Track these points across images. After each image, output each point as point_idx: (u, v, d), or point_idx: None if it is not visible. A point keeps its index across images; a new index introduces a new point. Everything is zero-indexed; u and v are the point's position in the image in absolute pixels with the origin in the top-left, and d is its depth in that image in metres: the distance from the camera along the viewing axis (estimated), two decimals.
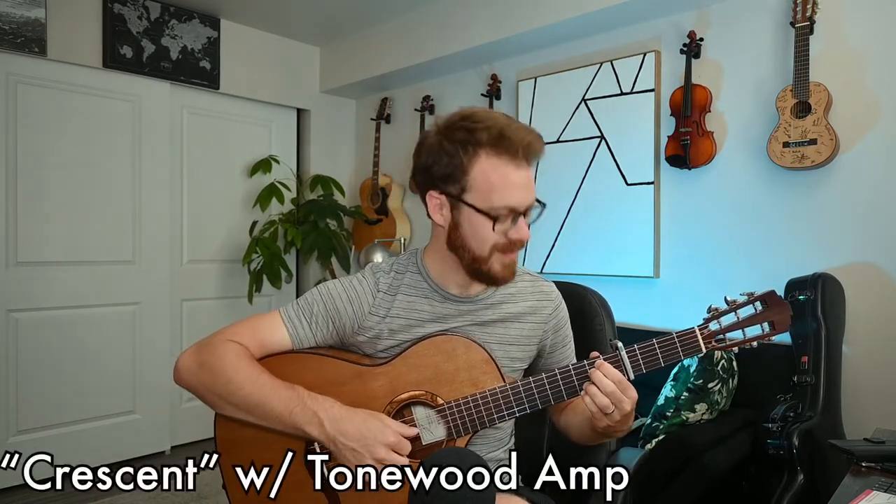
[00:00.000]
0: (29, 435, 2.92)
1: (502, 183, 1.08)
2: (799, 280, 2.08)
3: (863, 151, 2.17)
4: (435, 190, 1.14)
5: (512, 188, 1.09)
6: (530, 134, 1.10)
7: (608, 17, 2.68)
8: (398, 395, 1.13)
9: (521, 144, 1.08)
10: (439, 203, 1.14)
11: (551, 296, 1.27)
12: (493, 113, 1.13)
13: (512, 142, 1.08)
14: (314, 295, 1.20)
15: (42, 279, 2.96)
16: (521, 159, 1.09)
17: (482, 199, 1.09)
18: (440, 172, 1.11)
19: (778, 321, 1.07)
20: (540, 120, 3.06)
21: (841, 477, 1.14)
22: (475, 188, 1.09)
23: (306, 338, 1.18)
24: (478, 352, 1.13)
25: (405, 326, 1.18)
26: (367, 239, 3.81)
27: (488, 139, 1.08)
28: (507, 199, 1.09)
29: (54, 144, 2.98)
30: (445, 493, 0.93)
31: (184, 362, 1.16)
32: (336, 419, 1.07)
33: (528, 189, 1.11)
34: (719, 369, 2.10)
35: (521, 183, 1.10)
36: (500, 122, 1.09)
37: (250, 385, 1.10)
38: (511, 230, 1.11)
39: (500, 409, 1.11)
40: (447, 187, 1.12)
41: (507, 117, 1.12)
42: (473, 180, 1.09)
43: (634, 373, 1.08)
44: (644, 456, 1.33)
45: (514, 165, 1.09)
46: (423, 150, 1.14)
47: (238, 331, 1.17)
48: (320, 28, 3.70)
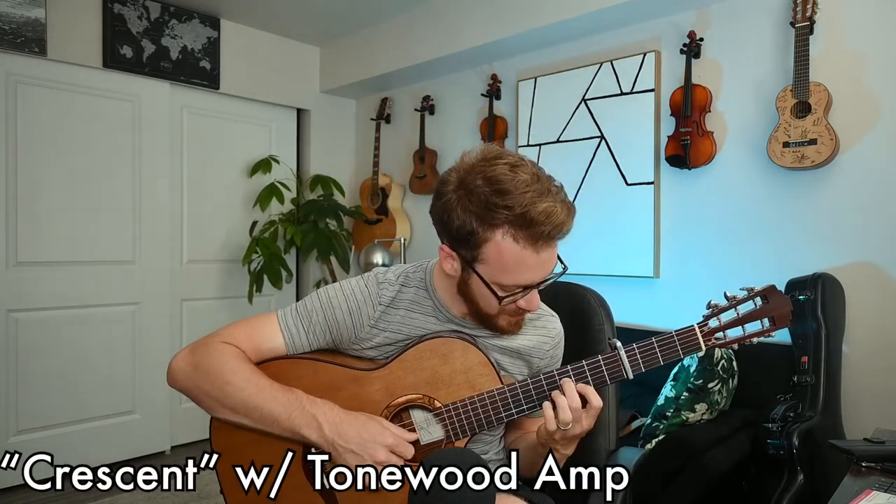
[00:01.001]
0: (29, 435, 2.92)
1: (517, 266, 1.01)
2: (799, 280, 2.08)
3: (863, 151, 2.16)
4: (447, 245, 1.07)
5: (526, 270, 1.02)
6: (559, 216, 0.98)
7: (608, 17, 2.68)
8: (395, 398, 1.12)
9: (545, 231, 0.98)
10: (450, 257, 1.07)
11: (552, 333, 1.23)
12: (520, 176, 0.98)
13: (534, 228, 0.97)
14: (314, 303, 1.17)
15: (42, 279, 2.96)
16: (542, 244, 0.99)
17: (492, 273, 1.03)
18: (454, 233, 1.03)
19: (778, 316, 1.06)
20: (540, 120, 3.06)
21: (841, 477, 1.14)
22: (487, 262, 1.02)
23: (302, 346, 1.16)
24: (475, 354, 1.12)
25: (403, 341, 1.17)
26: (367, 239, 3.81)
27: (507, 219, 0.98)
28: (520, 279, 1.03)
29: (54, 144, 2.98)
30: (445, 494, 0.93)
31: (178, 364, 1.13)
32: (335, 423, 1.06)
33: (546, 267, 1.03)
34: (719, 369, 2.10)
35: (538, 265, 1.02)
36: (524, 201, 0.96)
37: (248, 387, 1.08)
38: (521, 300, 1.07)
39: (499, 411, 1.10)
40: (459, 249, 1.05)
41: (538, 182, 0.99)
42: (486, 254, 1.01)
43: (633, 372, 1.07)
44: (644, 456, 1.33)
45: (534, 250, 0.99)
46: (441, 202, 1.05)
47: (234, 333, 1.15)
48: (320, 28, 3.70)
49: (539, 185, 0.99)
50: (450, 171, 1.06)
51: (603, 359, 1.08)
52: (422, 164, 3.61)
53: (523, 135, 3.11)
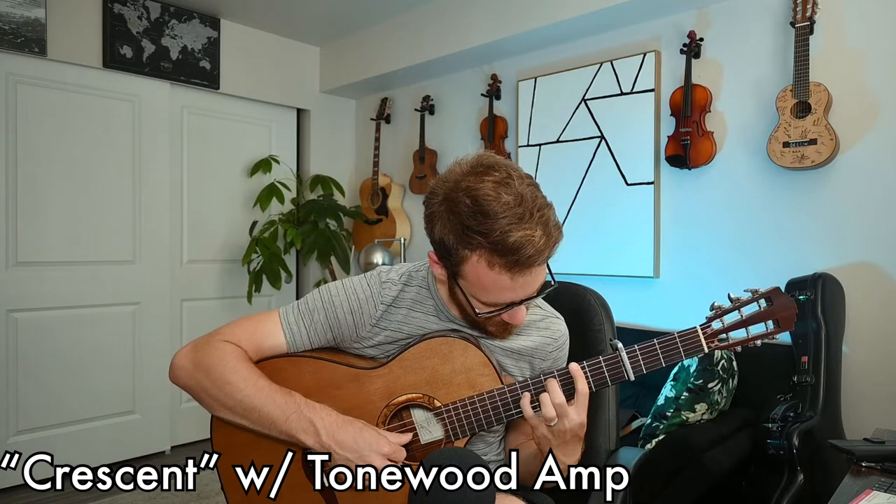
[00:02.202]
0: (29, 435, 2.92)
1: (494, 287, 1.00)
2: (799, 280, 2.08)
3: (863, 151, 2.16)
4: (434, 253, 1.08)
5: (503, 291, 1.01)
6: (535, 244, 0.95)
7: (608, 17, 2.68)
8: (395, 397, 1.12)
9: (518, 259, 0.95)
10: (437, 264, 1.08)
11: (556, 335, 1.22)
12: (502, 197, 0.95)
13: (508, 256, 0.95)
14: (316, 301, 1.17)
15: (42, 279, 2.96)
16: (517, 271, 0.97)
17: (473, 290, 1.03)
18: (437, 244, 1.04)
19: (783, 319, 1.04)
20: (540, 120, 3.06)
21: (841, 477, 1.14)
22: (466, 278, 1.02)
23: (303, 344, 1.17)
24: (476, 354, 1.12)
25: (404, 340, 1.17)
26: (367, 239, 3.81)
27: (481, 244, 0.96)
28: (499, 299, 1.02)
29: (54, 144, 2.98)
30: (445, 493, 0.93)
31: (179, 361, 1.14)
32: (331, 429, 1.06)
33: (527, 288, 1.02)
34: (719, 369, 2.10)
35: (517, 286, 1.00)
36: (499, 227, 0.94)
37: (247, 388, 1.08)
38: (504, 315, 1.06)
39: (499, 411, 1.10)
40: (442, 259, 1.05)
41: (519, 205, 0.95)
42: (465, 272, 1.01)
43: (635, 373, 1.07)
44: (644, 456, 1.33)
45: (509, 276, 0.98)
46: (427, 213, 1.05)
47: (235, 332, 1.15)
48: (320, 28, 3.70)
49: (521, 208, 0.95)
50: (439, 180, 1.04)
51: (604, 359, 1.08)
52: (422, 164, 3.61)
53: (523, 135, 3.11)
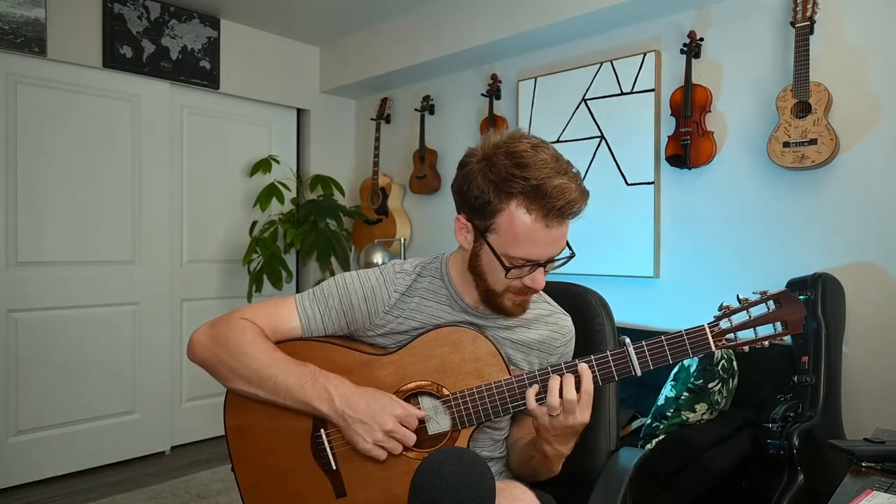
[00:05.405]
0: (29, 435, 2.92)
1: (526, 238, 1.05)
2: (799, 280, 2.08)
3: (863, 151, 2.16)
4: (463, 215, 1.13)
5: (535, 244, 1.06)
6: (572, 193, 1.04)
7: (608, 17, 2.68)
8: (404, 384, 1.15)
9: (556, 205, 1.03)
10: (465, 228, 1.13)
11: (563, 330, 1.26)
12: (540, 154, 1.05)
13: (546, 200, 1.03)
14: (331, 287, 1.21)
15: (42, 279, 2.96)
16: (552, 219, 1.04)
17: (503, 244, 1.07)
18: (471, 202, 1.09)
19: (791, 321, 1.05)
20: (540, 120, 3.06)
21: (841, 477, 1.14)
22: (499, 232, 1.07)
23: (317, 329, 1.21)
24: (484, 344, 1.14)
25: (416, 328, 1.19)
26: (367, 239, 3.81)
27: (522, 190, 1.03)
28: (527, 253, 1.06)
29: (54, 144, 2.98)
30: (445, 493, 0.93)
31: (198, 337, 1.19)
32: (345, 395, 1.10)
33: (555, 245, 1.08)
34: (719, 369, 2.10)
35: (547, 240, 1.06)
36: (540, 174, 1.03)
37: (264, 358, 1.13)
38: (526, 277, 1.10)
39: (506, 401, 1.11)
40: (474, 218, 1.10)
41: (556, 162, 1.06)
42: (499, 224, 1.06)
43: (642, 369, 1.08)
44: (644, 456, 1.33)
45: (544, 223, 1.04)
46: (463, 172, 1.11)
47: (254, 313, 1.20)
48: (320, 28, 3.70)
49: (557, 164, 1.05)
50: (475, 148, 1.12)
51: (611, 354, 1.08)
52: (422, 164, 3.61)
53: None
